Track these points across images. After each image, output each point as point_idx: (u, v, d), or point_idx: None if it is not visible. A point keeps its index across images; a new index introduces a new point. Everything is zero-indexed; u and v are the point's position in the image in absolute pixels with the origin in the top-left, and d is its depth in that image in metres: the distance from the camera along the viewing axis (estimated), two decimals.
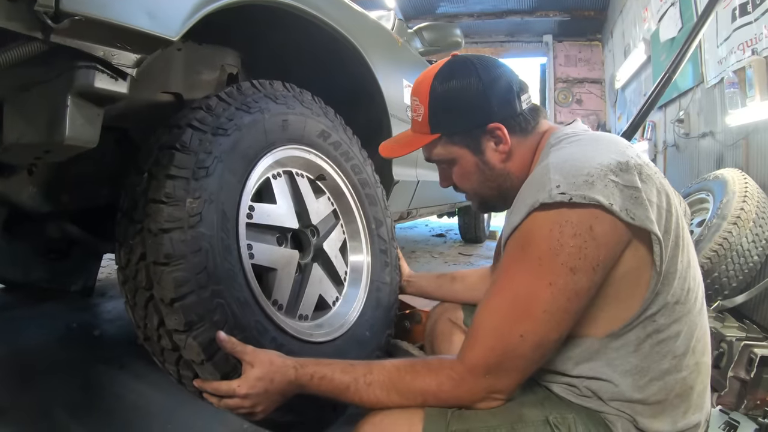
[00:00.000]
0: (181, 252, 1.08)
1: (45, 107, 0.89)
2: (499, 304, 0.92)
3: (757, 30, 2.89)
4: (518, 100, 1.07)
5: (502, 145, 1.07)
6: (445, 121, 1.08)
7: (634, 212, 0.85)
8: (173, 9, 0.99)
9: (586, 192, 0.84)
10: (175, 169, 1.12)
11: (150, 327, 1.12)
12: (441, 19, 9.76)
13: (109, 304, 2.76)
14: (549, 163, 0.93)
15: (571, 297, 0.86)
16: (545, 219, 0.87)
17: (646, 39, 5.63)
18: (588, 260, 0.85)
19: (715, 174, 2.99)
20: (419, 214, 3.56)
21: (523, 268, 0.89)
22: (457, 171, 1.14)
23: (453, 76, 1.07)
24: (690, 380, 0.95)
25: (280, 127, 1.44)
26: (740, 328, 2.03)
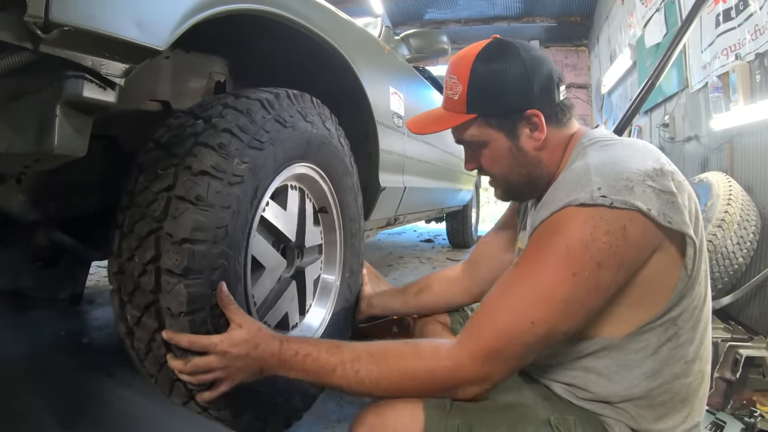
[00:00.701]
0: (212, 201, 1.10)
1: (34, 117, 0.89)
2: (516, 288, 0.92)
3: (740, 35, 2.94)
4: (557, 90, 1.06)
5: (537, 132, 1.05)
6: (483, 101, 1.05)
7: (671, 216, 0.87)
8: (161, 19, 0.99)
9: (626, 197, 0.85)
10: (237, 129, 1.17)
11: (137, 259, 1.10)
12: (428, 26, 9.81)
13: (98, 311, 2.74)
14: (589, 163, 0.94)
15: (591, 290, 0.87)
16: (580, 213, 0.88)
17: (631, 44, 5.69)
18: (616, 258, 0.85)
19: (700, 177, 3.02)
20: (407, 220, 3.57)
21: (549, 254, 0.89)
22: (487, 154, 1.11)
23: (497, 57, 1.05)
24: (694, 386, 0.96)
25: (317, 146, 1.52)
26: (726, 329, 2.06)
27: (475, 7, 9.47)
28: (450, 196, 4.37)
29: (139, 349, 1.16)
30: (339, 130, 1.67)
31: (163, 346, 1.11)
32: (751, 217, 2.56)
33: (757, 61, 2.74)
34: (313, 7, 1.65)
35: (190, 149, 1.13)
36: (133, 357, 1.20)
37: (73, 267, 2.04)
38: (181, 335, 1.04)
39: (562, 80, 1.08)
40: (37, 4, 0.76)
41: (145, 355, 1.16)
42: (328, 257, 1.76)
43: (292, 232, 1.51)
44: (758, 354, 1.85)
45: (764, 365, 1.86)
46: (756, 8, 2.72)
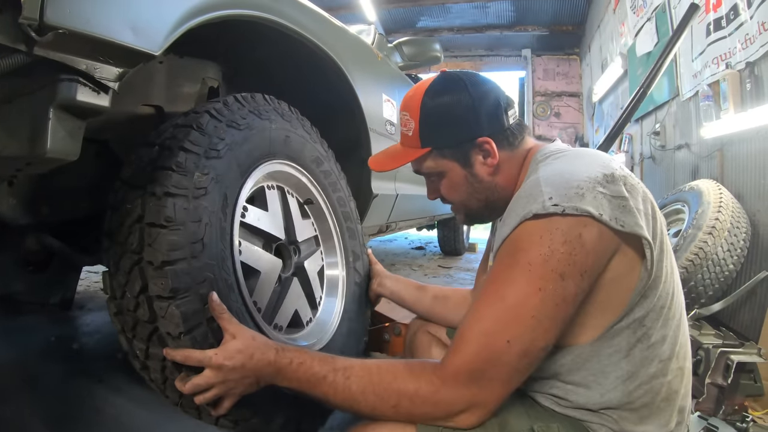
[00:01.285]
0: (181, 218, 1.09)
1: (27, 119, 0.89)
2: (486, 309, 0.91)
3: (731, 44, 2.96)
4: (506, 116, 1.10)
5: (490, 158, 1.09)
6: (435, 135, 1.11)
7: (623, 220, 0.88)
8: (156, 23, 0.99)
9: (577, 204, 0.87)
10: (189, 144, 1.16)
11: (129, 294, 1.10)
12: (421, 33, 9.86)
13: (89, 317, 2.73)
14: (539, 176, 0.96)
15: (559, 303, 0.87)
16: (535, 227, 0.89)
17: (623, 53, 5.73)
18: (577, 266, 0.86)
19: (691, 185, 3.04)
20: (398, 227, 3.57)
21: (513, 274, 0.90)
22: (445, 183, 1.16)
23: (443, 91, 1.10)
24: (675, 384, 0.97)
25: (282, 140, 1.49)
26: (717, 335, 2.06)
27: (468, 15, 9.52)
28: (442, 204, 4.37)
29: (157, 381, 1.15)
30: (303, 120, 1.64)
31: (176, 371, 1.09)
32: (741, 224, 2.58)
33: (747, 69, 2.76)
34: (306, 13, 1.65)
35: (151, 176, 1.12)
36: (155, 389, 1.19)
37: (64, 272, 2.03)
38: (176, 351, 1.02)
39: (511, 105, 1.12)
40: (32, 7, 0.76)
41: (164, 384, 1.15)
42: (327, 246, 1.74)
43: (281, 231, 1.50)
44: (749, 360, 1.85)
45: (755, 371, 1.87)
46: (746, 18, 2.74)
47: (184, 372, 1.05)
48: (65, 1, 0.81)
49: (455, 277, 4.68)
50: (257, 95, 1.46)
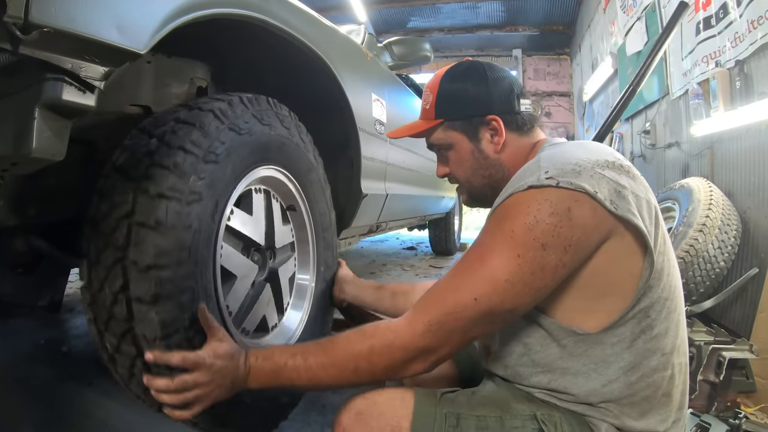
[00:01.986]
0: (173, 223, 1.08)
1: (12, 119, 0.88)
2: (464, 269, 0.96)
3: (720, 43, 2.98)
4: (517, 101, 1.16)
5: (497, 137, 1.15)
6: (448, 108, 1.18)
7: (617, 203, 0.90)
8: (142, 22, 0.98)
9: (573, 179, 0.89)
10: (190, 144, 1.16)
11: (107, 290, 1.09)
12: (412, 34, 9.85)
13: (77, 319, 2.71)
14: (540, 157, 1.00)
15: (536, 271, 0.89)
16: (525, 196, 0.92)
17: (613, 53, 5.76)
18: (560, 239, 0.88)
19: (681, 183, 3.05)
20: (389, 227, 3.56)
21: (495, 238, 0.93)
22: (453, 157, 1.22)
23: (463, 72, 1.19)
24: (675, 379, 0.98)
25: (277, 147, 1.51)
26: (708, 332, 2.08)
27: (459, 15, 9.54)
28: (432, 204, 4.38)
29: (123, 375, 1.15)
30: (299, 127, 1.66)
31: (145, 370, 1.09)
32: (731, 221, 2.59)
33: (736, 68, 2.78)
34: (295, 13, 1.65)
35: (145, 171, 1.11)
36: (119, 381, 1.19)
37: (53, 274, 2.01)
38: (171, 354, 1.03)
39: (524, 94, 1.18)
40: (17, 5, 0.75)
41: (129, 379, 1.15)
42: (302, 253, 1.75)
43: (261, 236, 1.50)
44: (741, 356, 1.86)
45: (747, 367, 1.88)
46: (736, 16, 2.76)
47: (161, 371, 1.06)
48: (50, 0, 0.80)
49: None
50: (261, 98, 1.47)
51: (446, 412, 0.98)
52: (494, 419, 0.97)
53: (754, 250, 2.58)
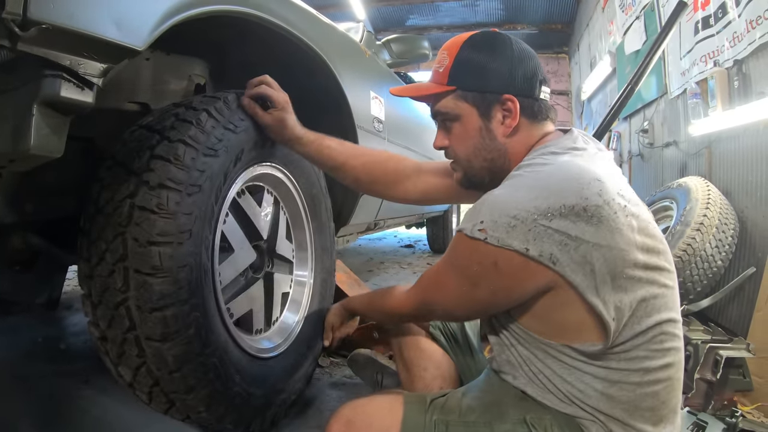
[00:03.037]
0: (174, 209, 1.15)
1: (10, 116, 0.88)
2: (434, 272, 1.11)
3: (719, 42, 2.98)
4: (539, 87, 1.08)
5: (510, 119, 1.07)
6: (464, 75, 1.08)
7: (559, 258, 0.87)
8: (140, 19, 0.98)
9: (501, 235, 0.89)
10: (190, 139, 1.21)
11: (107, 260, 1.13)
12: (410, 32, 9.85)
13: (75, 317, 2.71)
14: (493, 193, 0.96)
15: (471, 300, 1.00)
16: (462, 240, 0.96)
17: (611, 51, 5.75)
18: (488, 283, 0.94)
19: (679, 182, 3.05)
20: (387, 225, 3.57)
21: (448, 259, 1.04)
22: (458, 129, 1.12)
23: (488, 41, 1.09)
24: (663, 395, 0.95)
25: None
26: (705, 331, 2.08)
27: (457, 14, 9.54)
28: None
29: (112, 355, 1.18)
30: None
31: (135, 347, 1.13)
32: (729, 220, 2.59)
33: (735, 67, 2.78)
34: (293, 10, 1.65)
35: (147, 163, 1.15)
36: (108, 365, 1.22)
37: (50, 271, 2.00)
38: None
39: (546, 82, 1.10)
40: (16, 2, 0.75)
41: (119, 359, 1.17)
42: (298, 281, 1.79)
43: (264, 233, 1.56)
44: (738, 355, 1.87)
45: (744, 366, 1.89)
46: (734, 16, 2.76)
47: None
48: None
49: None
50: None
51: (435, 420, 0.99)
52: (483, 425, 0.97)
53: (751, 249, 2.58)
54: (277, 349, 1.57)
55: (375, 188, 1.54)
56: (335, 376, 2.05)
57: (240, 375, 1.33)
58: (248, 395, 1.35)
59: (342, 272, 2.42)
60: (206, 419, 1.26)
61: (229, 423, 1.31)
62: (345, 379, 2.03)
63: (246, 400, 1.34)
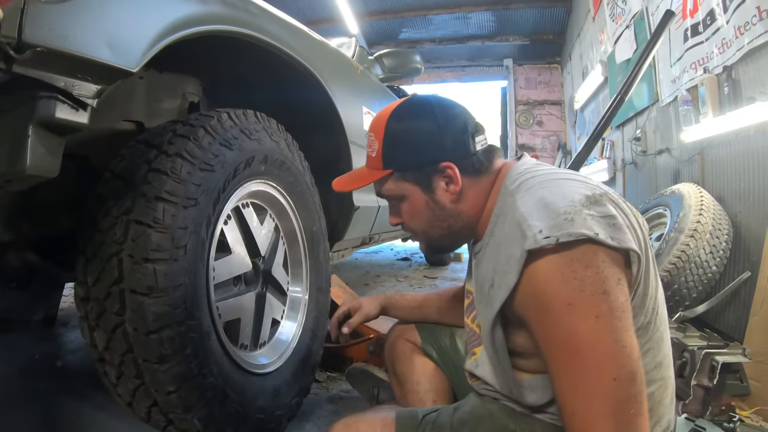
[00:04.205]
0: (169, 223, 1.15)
1: (6, 137, 0.89)
2: (572, 375, 0.84)
3: (708, 49, 3.01)
4: (472, 141, 1.06)
5: (452, 185, 1.05)
6: (397, 156, 1.07)
7: (617, 237, 0.85)
8: (133, 40, 1.00)
9: (569, 229, 0.83)
10: (186, 154, 1.23)
11: (113, 352, 1.14)
12: (404, 45, 9.91)
13: (72, 334, 2.70)
14: (521, 212, 0.91)
15: (620, 315, 0.82)
16: (548, 269, 0.84)
17: (602, 61, 5.79)
18: (610, 279, 0.82)
19: (672, 189, 3.07)
20: (382, 239, 3.57)
21: (562, 324, 0.83)
22: (406, 208, 1.12)
23: (409, 113, 1.08)
24: (658, 394, 0.96)
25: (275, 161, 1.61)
26: (702, 337, 2.08)
27: (450, 26, 9.59)
28: None
29: (110, 376, 1.18)
30: (288, 139, 1.70)
31: (133, 368, 1.13)
32: (723, 226, 2.61)
33: (724, 74, 2.80)
34: (285, 28, 1.67)
35: (144, 176, 1.16)
36: (107, 385, 1.22)
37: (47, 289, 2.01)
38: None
39: (480, 131, 1.09)
40: (11, 25, 0.77)
41: (117, 380, 1.18)
42: (291, 309, 1.79)
43: (263, 250, 1.58)
44: (735, 360, 1.87)
45: (741, 371, 1.89)
46: (723, 22, 2.79)
47: None
48: (43, 20, 0.81)
49: (441, 287, 4.68)
50: (249, 112, 1.51)
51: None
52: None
53: (745, 253, 2.60)
54: (273, 365, 1.58)
55: (455, 314, 1.46)
56: (332, 391, 2.05)
57: (236, 393, 1.33)
58: (245, 412, 1.35)
59: (338, 287, 2.42)
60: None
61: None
62: (342, 393, 2.03)
63: (243, 417, 1.34)
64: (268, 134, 1.54)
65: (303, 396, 1.68)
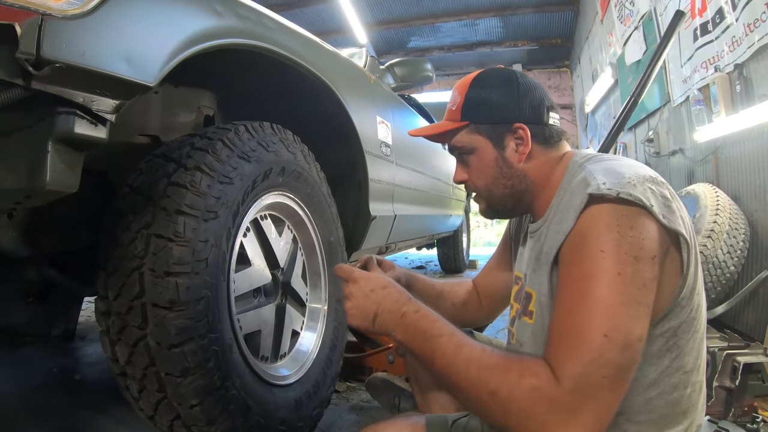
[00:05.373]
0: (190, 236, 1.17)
1: (26, 153, 0.90)
2: (573, 310, 0.85)
3: (718, 48, 2.99)
4: (547, 113, 1.12)
5: (522, 146, 1.10)
6: (475, 110, 1.12)
7: (668, 217, 0.87)
8: (151, 55, 1.01)
9: (630, 191, 0.86)
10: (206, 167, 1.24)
11: (135, 366, 1.14)
12: (412, 54, 9.96)
13: (90, 347, 2.72)
14: (591, 169, 0.95)
15: (641, 287, 0.82)
16: (599, 214, 0.88)
17: (612, 63, 5.77)
18: (646, 251, 0.83)
19: (687, 190, 3.05)
20: (398, 248, 3.57)
21: (587, 266, 0.85)
22: (474, 162, 1.15)
23: (495, 77, 1.14)
24: (693, 398, 0.94)
25: (307, 196, 1.69)
26: (722, 338, 2.06)
27: (458, 34, 9.62)
28: (440, 222, 4.39)
29: (132, 389, 1.19)
30: (305, 151, 1.71)
31: (155, 382, 1.14)
32: (739, 225, 2.58)
33: (736, 72, 2.78)
34: (299, 40, 1.68)
35: (164, 190, 1.17)
36: (129, 399, 1.23)
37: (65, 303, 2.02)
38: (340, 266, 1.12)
39: (554, 108, 1.13)
40: (29, 41, 0.78)
41: (139, 394, 1.19)
42: (309, 326, 1.78)
43: (282, 259, 1.58)
44: (756, 360, 1.85)
45: (763, 371, 1.87)
46: (732, 20, 2.77)
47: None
48: (61, 36, 0.82)
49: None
50: (265, 124, 1.51)
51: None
52: None
53: (763, 252, 2.57)
54: (294, 377, 1.58)
55: (467, 313, 1.48)
56: (352, 401, 2.04)
57: (259, 405, 1.33)
58: (267, 424, 1.35)
59: None
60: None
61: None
62: (362, 403, 2.02)
63: (265, 429, 1.34)
64: (284, 146, 1.54)
65: (324, 407, 1.67)
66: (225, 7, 1.28)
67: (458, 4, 8.62)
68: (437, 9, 8.81)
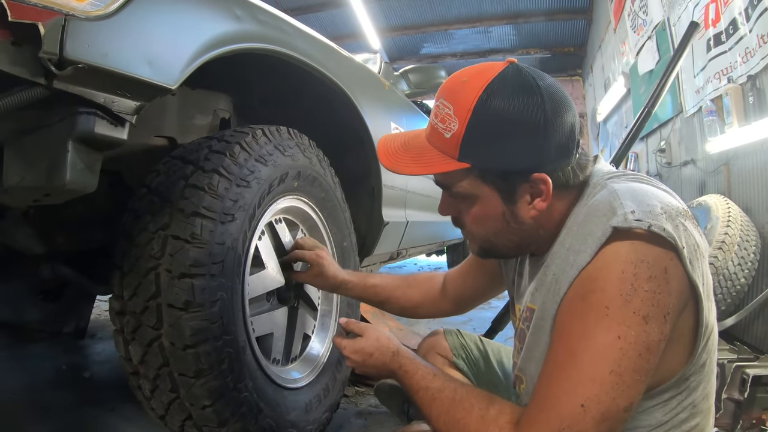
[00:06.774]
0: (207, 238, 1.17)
1: (46, 151, 0.91)
2: (557, 369, 0.78)
3: (731, 58, 2.98)
4: (576, 147, 0.89)
5: (539, 200, 0.89)
6: (483, 151, 0.85)
7: (694, 264, 0.77)
8: (172, 58, 1.02)
9: (664, 224, 0.74)
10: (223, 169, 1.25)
11: (148, 365, 1.15)
12: (425, 60, 9.99)
13: (100, 345, 2.73)
14: (616, 189, 0.82)
15: (643, 353, 0.73)
16: (617, 256, 0.76)
17: (625, 72, 5.76)
18: (660, 307, 0.73)
19: (698, 201, 3.03)
20: (409, 254, 3.58)
21: (587, 321, 0.76)
22: (474, 211, 0.94)
23: (512, 93, 0.84)
24: (702, 424, 0.90)
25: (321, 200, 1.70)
26: (731, 350, 2.05)
27: (471, 41, 9.65)
28: (451, 229, 4.38)
29: (144, 389, 1.20)
30: (320, 155, 1.72)
31: (169, 383, 1.14)
32: (750, 237, 2.57)
33: (749, 83, 2.78)
34: (316, 45, 1.69)
35: (181, 192, 1.18)
36: (141, 399, 1.24)
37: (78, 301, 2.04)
38: (351, 321, 1.20)
39: (582, 131, 1.02)
40: (52, 42, 0.79)
41: (151, 394, 1.20)
42: (320, 336, 1.79)
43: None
44: (765, 372, 1.84)
45: None
46: (746, 31, 2.77)
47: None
48: (84, 36, 0.84)
49: None
50: (282, 128, 1.53)
51: None
52: None
53: None
54: (305, 380, 1.59)
55: (420, 312, 1.51)
56: (360, 405, 2.05)
57: (270, 407, 1.34)
58: (278, 427, 1.36)
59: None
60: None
61: None
62: (370, 408, 2.03)
63: (275, 431, 1.35)
64: (301, 150, 1.55)
65: (333, 411, 1.68)
66: (245, 11, 1.30)
67: (471, 11, 8.64)
68: (450, 16, 8.84)
